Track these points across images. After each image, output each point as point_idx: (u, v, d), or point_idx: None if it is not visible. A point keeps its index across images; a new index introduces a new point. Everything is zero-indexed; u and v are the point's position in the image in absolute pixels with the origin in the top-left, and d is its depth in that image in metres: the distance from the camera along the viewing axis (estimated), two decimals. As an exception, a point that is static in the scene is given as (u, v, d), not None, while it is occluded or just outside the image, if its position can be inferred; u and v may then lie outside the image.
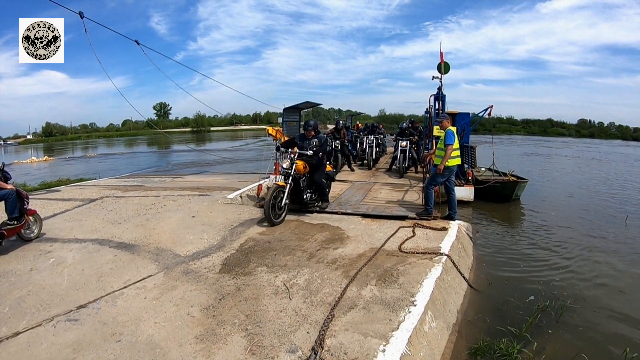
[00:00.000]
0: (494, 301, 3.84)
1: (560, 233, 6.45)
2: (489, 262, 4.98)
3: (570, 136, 60.02)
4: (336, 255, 4.08)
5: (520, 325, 3.26)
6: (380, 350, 2.39)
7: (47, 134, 66.68)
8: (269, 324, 2.71)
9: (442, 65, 9.06)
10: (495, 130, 48.15)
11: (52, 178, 12.40)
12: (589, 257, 5.27)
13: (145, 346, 2.47)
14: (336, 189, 7.66)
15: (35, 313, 2.92)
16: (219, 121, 74.77)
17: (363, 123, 17.50)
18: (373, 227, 5.14)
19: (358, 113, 28.60)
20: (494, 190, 8.47)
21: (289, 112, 10.64)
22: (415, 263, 3.85)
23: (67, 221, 5.50)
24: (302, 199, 5.65)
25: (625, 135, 60.98)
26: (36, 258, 4.06)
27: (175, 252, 4.21)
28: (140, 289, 3.31)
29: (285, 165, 5.45)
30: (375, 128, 12.51)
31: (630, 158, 24.57)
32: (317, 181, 5.73)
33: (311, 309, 2.93)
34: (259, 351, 2.40)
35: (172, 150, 31.79)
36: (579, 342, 3.15)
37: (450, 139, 5.47)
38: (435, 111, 8.80)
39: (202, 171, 14.92)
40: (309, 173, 5.69)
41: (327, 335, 2.53)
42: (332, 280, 3.44)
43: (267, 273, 3.61)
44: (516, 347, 2.90)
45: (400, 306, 2.95)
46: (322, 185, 5.84)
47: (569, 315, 3.56)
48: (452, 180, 5.75)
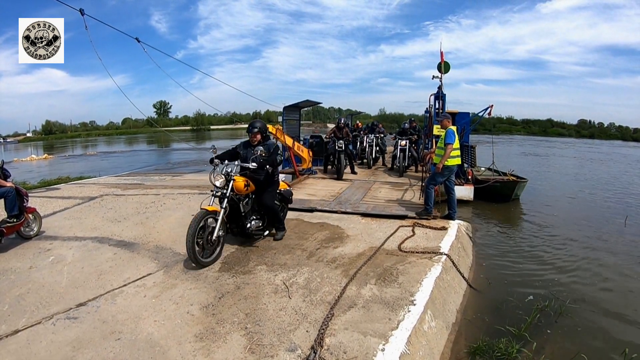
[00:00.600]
0: (493, 301, 3.85)
1: (560, 233, 6.45)
2: (489, 262, 4.98)
3: (570, 136, 60.00)
4: (336, 254, 4.08)
5: (519, 325, 3.27)
6: (380, 349, 2.39)
7: (47, 132, 66.62)
8: (268, 323, 2.71)
9: (442, 64, 9.04)
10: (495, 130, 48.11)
11: (51, 176, 12.41)
12: (588, 257, 5.28)
13: (144, 344, 2.47)
14: (335, 188, 7.66)
15: (35, 311, 2.92)
16: (219, 120, 74.64)
17: (363, 122, 17.49)
18: (373, 226, 5.14)
19: (358, 112, 28.55)
20: (494, 189, 8.48)
21: (289, 110, 10.64)
22: (414, 262, 3.85)
23: (66, 219, 5.50)
24: (244, 228, 4.20)
25: (625, 136, 60.94)
26: (36, 256, 4.06)
27: (175, 250, 4.21)
28: (140, 287, 3.31)
29: (219, 182, 3.96)
30: (375, 127, 12.52)
31: (629, 159, 24.57)
32: (267, 204, 4.34)
33: (311, 307, 2.93)
34: (258, 350, 2.40)
35: (172, 148, 31.77)
36: (578, 342, 3.15)
37: (450, 138, 5.46)
38: (435, 110, 8.79)
39: (202, 169, 14.90)
40: (254, 193, 4.35)
41: (326, 334, 2.53)
42: (331, 279, 3.44)
43: (266, 272, 3.61)
44: (515, 347, 2.91)
45: (400, 305, 2.95)
46: (273, 209, 4.43)
47: (568, 316, 3.56)
48: (452, 179, 5.75)
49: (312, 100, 11.27)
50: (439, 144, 5.77)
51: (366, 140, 11.38)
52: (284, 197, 4.89)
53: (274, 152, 4.31)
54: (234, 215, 4.14)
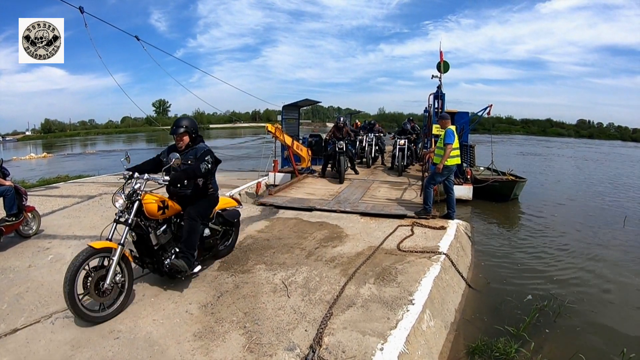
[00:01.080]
0: (492, 300, 3.86)
1: (559, 233, 6.46)
2: (488, 262, 4.99)
3: (569, 136, 60.05)
4: (335, 254, 4.08)
5: (518, 325, 3.28)
6: (379, 348, 2.39)
7: (46, 130, 66.42)
8: (267, 322, 2.71)
9: (442, 64, 9.04)
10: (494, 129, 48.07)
11: (50, 175, 12.39)
12: (587, 257, 5.29)
13: (143, 343, 2.47)
14: (335, 187, 7.66)
15: (34, 310, 2.91)
16: (218, 118, 74.54)
17: (362, 121, 17.49)
18: (372, 226, 5.14)
19: (357, 111, 28.60)
20: (493, 189, 8.49)
21: (289, 109, 10.64)
22: (413, 262, 3.85)
23: (65, 218, 5.49)
24: (160, 263, 3.10)
25: (625, 136, 60.98)
26: (35, 255, 4.05)
27: (174, 249, 4.20)
28: (139, 286, 3.31)
29: (119, 204, 2.95)
30: (373, 126, 12.54)
31: (628, 159, 24.61)
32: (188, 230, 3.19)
33: (309, 307, 2.93)
34: (257, 349, 2.40)
35: (171, 147, 31.65)
36: (577, 342, 3.16)
37: (449, 138, 5.46)
38: (434, 110, 8.80)
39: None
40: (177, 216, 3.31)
41: (325, 334, 2.54)
42: (330, 278, 3.45)
43: (265, 271, 3.61)
44: (514, 347, 2.91)
45: (399, 305, 2.96)
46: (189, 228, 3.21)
47: (567, 315, 3.57)
48: (452, 179, 5.76)
49: (311, 99, 11.28)
50: (438, 144, 5.77)
51: (366, 140, 11.38)
52: (225, 220, 3.80)
53: (199, 158, 3.25)
54: (144, 247, 3.10)
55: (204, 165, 3.21)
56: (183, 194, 3.36)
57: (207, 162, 3.24)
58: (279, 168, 9.47)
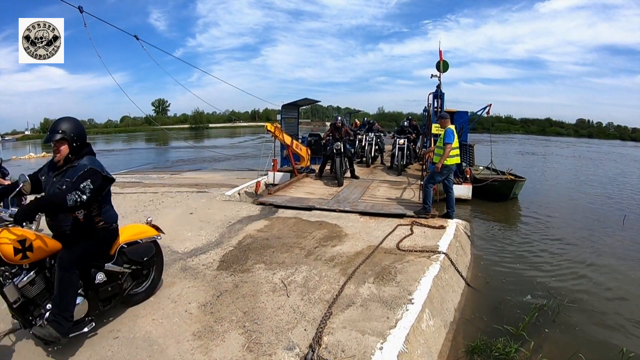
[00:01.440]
0: (492, 300, 3.85)
1: (558, 232, 6.47)
2: (487, 261, 4.99)
3: (568, 136, 60.12)
4: (334, 253, 4.08)
5: (517, 324, 3.27)
6: (378, 348, 2.39)
7: (45, 130, 66.34)
8: (266, 321, 2.70)
9: (441, 63, 9.05)
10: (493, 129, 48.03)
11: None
12: (587, 257, 5.29)
13: (143, 342, 2.47)
14: (334, 187, 7.66)
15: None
16: (217, 118, 74.52)
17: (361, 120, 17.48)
18: (371, 225, 5.14)
19: (357, 111, 28.56)
20: (492, 188, 8.49)
21: (288, 109, 10.65)
22: (413, 261, 3.85)
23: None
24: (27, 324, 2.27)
25: (624, 136, 61.05)
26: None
27: (173, 248, 4.20)
28: (138, 285, 3.30)
29: None
30: (372, 125, 12.54)
31: (627, 158, 24.63)
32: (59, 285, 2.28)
33: (309, 306, 2.93)
34: (256, 348, 2.40)
35: (170, 147, 31.68)
36: (576, 342, 3.16)
37: (449, 137, 5.46)
38: (434, 109, 8.80)
39: (201, 168, 14.91)
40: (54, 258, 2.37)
41: (324, 333, 2.53)
42: (329, 277, 3.44)
43: (265, 270, 3.61)
44: (513, 346, 2.91)
45: (398, 304, 2.96)
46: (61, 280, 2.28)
47: (566, 315, 3.57)
48: (451, 178, 5.75)
49: (310, 98, 11.28)
50: (437, 143, 5.77)
51: (365, 139, 11.38)
52: (130, 260, 2.82)
53: (74, 183, 2.30)
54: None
55: (74, 197, 2.22)
56: (62, 231, 2.49)
57: (83, 190, 2.27)
58: (278, 167, 9.47)
